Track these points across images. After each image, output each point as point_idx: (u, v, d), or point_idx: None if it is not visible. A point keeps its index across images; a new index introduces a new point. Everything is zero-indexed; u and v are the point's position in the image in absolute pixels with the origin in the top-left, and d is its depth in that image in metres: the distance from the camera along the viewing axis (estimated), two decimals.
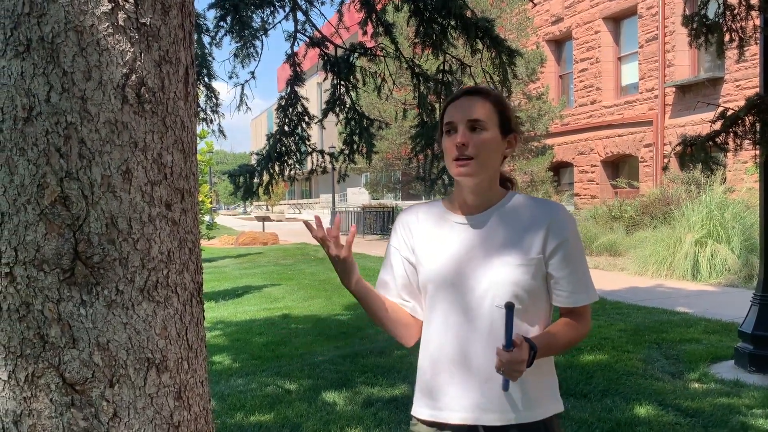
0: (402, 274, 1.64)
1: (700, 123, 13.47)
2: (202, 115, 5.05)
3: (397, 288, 1.66)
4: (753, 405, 3.95)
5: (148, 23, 1.28)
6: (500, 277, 1.48)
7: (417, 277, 1.62)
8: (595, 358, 5.07)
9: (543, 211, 1.52)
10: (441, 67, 4.68)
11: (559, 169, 20.12)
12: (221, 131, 5.30)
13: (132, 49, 1.25)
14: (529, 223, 1.51)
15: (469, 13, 4.40)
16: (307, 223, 1.62)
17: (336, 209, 26.77)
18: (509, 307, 1.38)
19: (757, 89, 4.61)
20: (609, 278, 9.71)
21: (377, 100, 16.13)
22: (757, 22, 4.63)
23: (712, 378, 4.57)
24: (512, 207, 1.55)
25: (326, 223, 26.01)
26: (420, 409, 1.59)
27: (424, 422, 1.58)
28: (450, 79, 4.67)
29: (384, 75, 4.94)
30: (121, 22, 1.24)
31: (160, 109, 1.31)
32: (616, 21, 18.00)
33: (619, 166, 18.32)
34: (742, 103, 4.39)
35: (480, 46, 4.46)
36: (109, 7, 1.23)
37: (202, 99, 5.07)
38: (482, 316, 1.49)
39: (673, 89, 15.71)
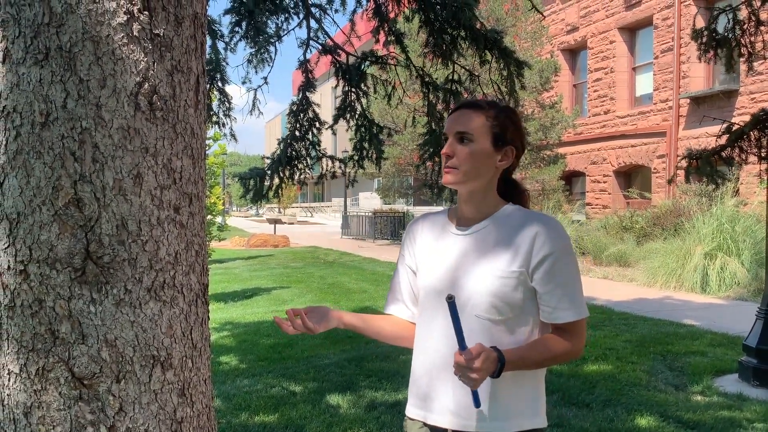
0: (406, 281, 1.72)
1: (713, 135, 13.42)
2: (214, 118, 5.12)
3: (402, 294, 1.73)
4: (754, 419, 3.95)
5: (161, 34, 1.34)
6: (480, 287, 1.51)
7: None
8: (599, 368, 5.07)
9: (531, 225, 1.53)
10: (450, 77, 4.73)
11: (571, 178, 20.07)
12: (233, 135, 5.37)
13: (145, 59, 1.31)
14: (516, 236, 1.53)
15: (479, 25, 4.44)
16: (277, 321, 1.66)
17: (347, 213, 26.83)
18: (449, 299, 1.38)
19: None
20: (617, 289, 9.69)
21: (389, 107, 16.19)
22: (767, 37, 4.64)
23: (715, 391, 4.57)
24: (504, 219, 1.57)
25: (337, 226, 25.87)
26: (410, 408, 1.66)
27: (412, 420, 1.65)
28: (458, 89, 4.72)
29: (394, 83, 4.99)
30: (135, 33, 1.30)
31: (171, 117, 1.37)
32: (631, 31, 17.97)
33: (631, 177, 18.25)
34: None
35: (489, 56, 4.50)
36: (125, 18, 1.28)
37: (215, 103, 5.15)
38: (463, 324, 1.53)
39: (688, 101, 15.65)
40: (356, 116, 4.97)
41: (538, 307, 1.54)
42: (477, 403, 1.44)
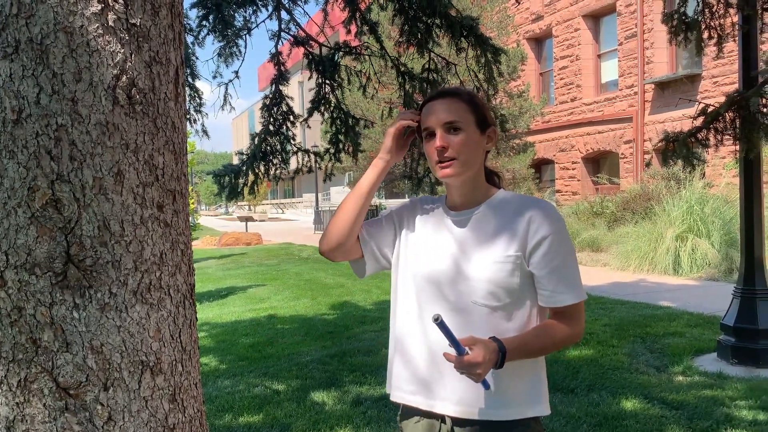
0: (382, 226, 1.68)
1: (679, 119, 13.63)
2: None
3: (372, 230, 1.68)
4: (736, 396, 4.01)
5: (138, 24, 1.27)
6: (476, 273, 1.50)
7: (388, 234, 1.67)
8: (580, 353, 5.11)
9: (525, 209, 1.51)
10: (426, 66, 4.69)
11: (541, 166, 20.25)
12: (205, 131, 5.27)
13: (122, 50, 1.25)
14: (511, 221, 1.51)
15: (453, 12, 4.41)
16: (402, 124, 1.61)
17: (320, 208, 26.70)
18: (436, 320, 1.37)
19: (735, 85, 4.68)
20: (592, 274, 9.80)
21: (361, 99, 16.12)
22: (735, 19, 4.69)
23: (695, 371, 4.63)
24: (498, 204, 1.56)
25: (309, 221, 25.60)
26: (405, 395, 1.63)
27: (409, 407, 1.63)
28: (435, 78, 4.69)
29: (369, 74, 4.93)
30: (111, 23, 1.23)
31: (151, 111, 1.30)
32: (595, 18, 18.15)
33: (599, 163, 18.48)
34: (719, 98, 4.44)
35: (465, 44, 4.47)
36: (99, 7, 1.22)
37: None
38: (460, 311, 1.52)
39: (652, 86, 15.88)
40: (331, 109, 4.91)
41: (535, 291, 1.52)
42: (487, 385, 1.44)
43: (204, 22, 4.64)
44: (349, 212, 1.63)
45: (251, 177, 4.73)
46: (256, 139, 4.76)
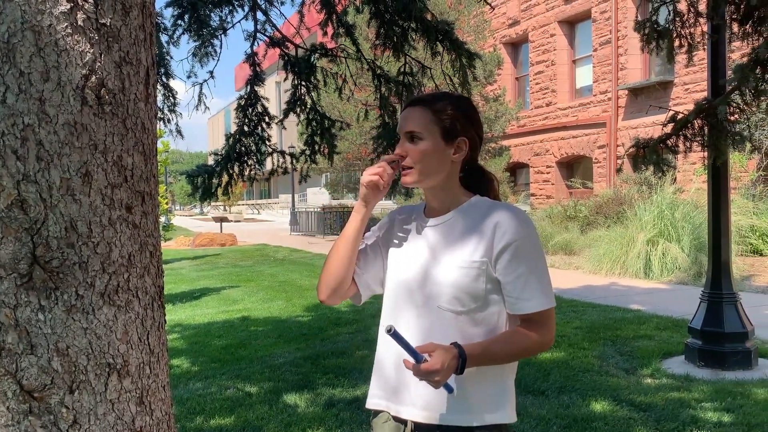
0: (368, 256, 1.69)
1: (651, 125, 13.85)
2: (159, 114, 4.96)
3: (362, 262, 1.68)
4: (702, 399, 4.09)
5: (108, 24, 1.26)
6: (441, 278, 1.50)
7: (376, 260, 1.68)
8: (551, 356, 5.17)
9: (493, 215, 1.51)
10: (402, 69, 4.71)
11: (516, 169, 20.42)
12: (179, 131, 5.23)
13: (92, 50, 1.24)
14: (478, 226, 1.52)
15: (429, 16, 4.44)
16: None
17: (296, 209, 26.60)
18: (389, 331, 1.38)
19: (705, 93, 4.78)
20: (564, 277, 9.90)
21: (337, 100, 16.09)
22: (705, 28, 4.79)
23: (663, 373, 4.71)
24: (469, 210, 1.56)
25: (285, 223, 25.46)
26: (375, 399, 1.65)
27: (378, 411, 1.65)
28: (411, 81, 4.71)
29: (345, 76, 4.94)
30: (80, 23, 1.22)
31: (120, 111, 1.30)
32: (571, 24, 18.37)
33: (573, 167, 18.69)
34: (690, 105, 4.53)
35: (440, 48, 4.50)
36: (68, 7, 1.21)
37: (159, 98, 4.98)
38: (426, 316, 1.52)
39: (626, 92, 16.11)
40: (307, 110, 4.90)
41: (503, 297, 1.51)
42: (450, 389, 1.44)
43: (179, 22, 4.61)
44: (339, 259, 1.63)
45: (225, 178, 4.70)
46: (231, 139, 4.74)
